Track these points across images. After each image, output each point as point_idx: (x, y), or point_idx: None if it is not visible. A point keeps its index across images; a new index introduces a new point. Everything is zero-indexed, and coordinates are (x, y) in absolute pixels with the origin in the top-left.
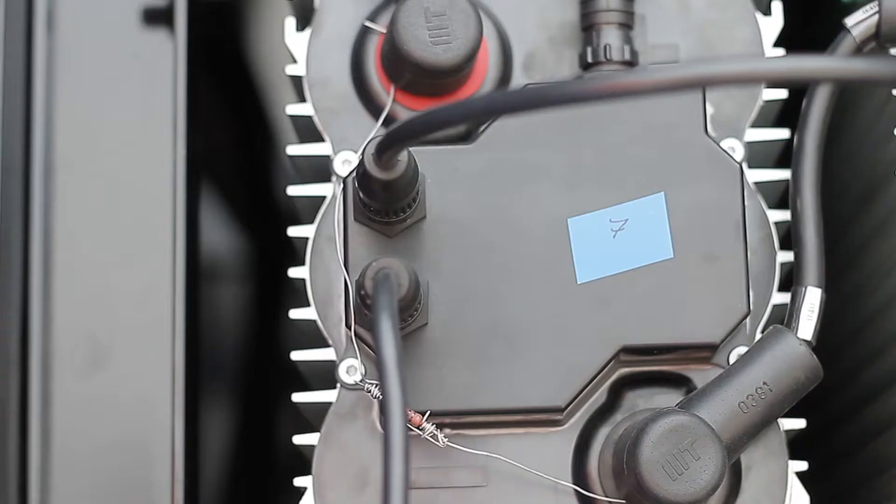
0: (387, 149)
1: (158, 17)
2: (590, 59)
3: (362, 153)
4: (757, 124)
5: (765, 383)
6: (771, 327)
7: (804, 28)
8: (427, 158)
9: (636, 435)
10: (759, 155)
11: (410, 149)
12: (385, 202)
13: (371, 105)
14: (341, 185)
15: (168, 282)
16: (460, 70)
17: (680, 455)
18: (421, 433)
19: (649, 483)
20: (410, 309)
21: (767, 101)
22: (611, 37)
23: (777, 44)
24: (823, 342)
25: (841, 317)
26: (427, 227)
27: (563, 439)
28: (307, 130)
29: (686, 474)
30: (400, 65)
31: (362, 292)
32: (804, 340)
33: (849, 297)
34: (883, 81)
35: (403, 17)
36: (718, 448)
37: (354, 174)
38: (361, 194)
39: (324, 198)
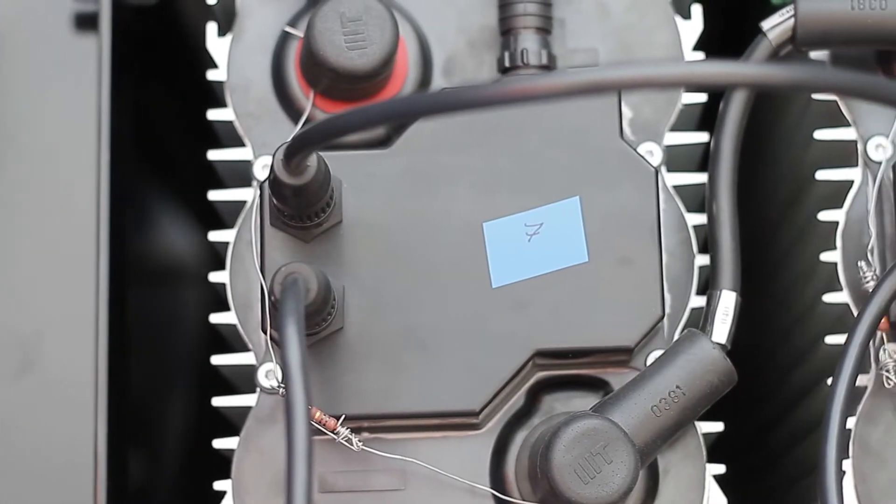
0: (294, 154)
1: (85, 22)
2: (507, 64)
3: (272, 159)
4: (678, 128)
5: (678, 387)
6: (685, 331)
7: (741, 27)
8: (343, 163)
9: (549, 439)
10: (682, 158)
11: (327, 153)
12: (297, 207)
13: (291, 110)
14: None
15: (93, 285)
16: (376, 75)
17: (592, 459)
18: (336, 437)
19: (561, 486)
20: (323, 313)
21: (687, 105)
22: (528, 41)
23: (712, 43)
24: (756, 344)
25: (771, 319)
26: (343, 231)
27: (481, 443)
28: (229, 135)
29: (598, 478)
30: (317, 70)
31: (273, 298)
32: (718, 344)
33: (778, 300)
34: (793, 86)
35: (319, 23)
36: (631, 451)
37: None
38: (274, 199)
39: (245, 202)
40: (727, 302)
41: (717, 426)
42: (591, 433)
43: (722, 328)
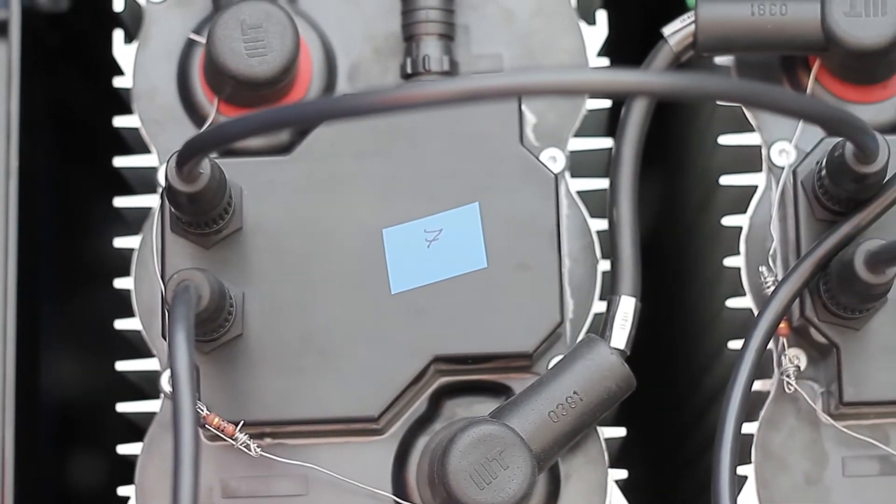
0: (185, 162)
1: None
2: (409, 70)
3: (165, 166)
4: (586, 133)
5: (575, 392)
6: (584, 336)
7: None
8: (243, 170)
9: (445, 444)
10: (591, 164)
11: (227, 160)
12: (194, 214)
13: (196, 117)
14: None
15: (1, 286)
16: (277, 82)
17: (488, 464)
18: (234, 443)
19: (457, 492)
20: (219, 319)
21: (591, 111)
22: (430, 47)
23: (636, 43)
24: (672, 348)
25: (686, 323)
26: (243, 238)
27: (383, 448)
28: (137, 142)
29: (494, 483)
30: (220, 77)
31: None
32: (616, 349)
33: (690, 305)
34: (672, 94)
35: (220, 30)
36: (527, 457)
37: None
38: (171, 207)
39: (150, 209)
40: (626, 307)
41: (620, 431)
42: (488, 439)
43: (621, 334)
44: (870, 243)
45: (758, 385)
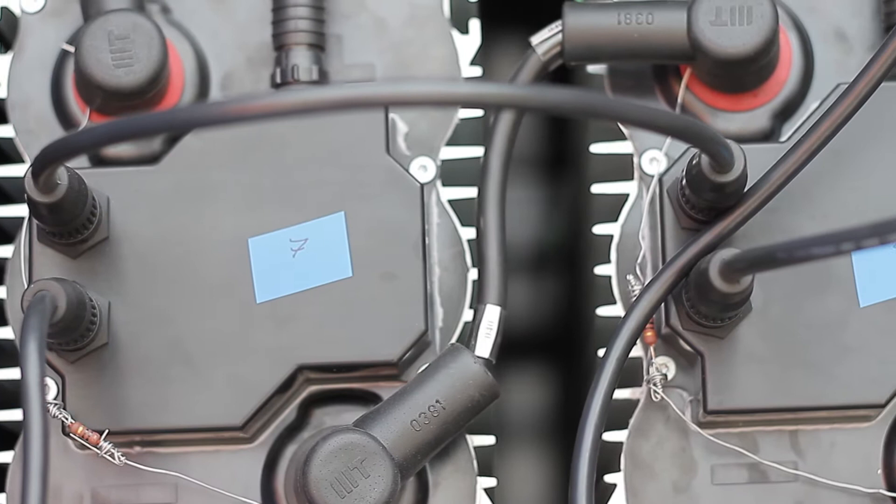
0: (40, 172)
1: None
2: (278, 80)
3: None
4: (462, 142)
5: (438, 401)
6: (448, 345)
7: None
8: (109, 180)
9: (307, 453)
10: (470, 172)
11: (93, 170)
12: (55, 224)
13: (70, 127)
14: None
15: None
16: (145, 92)
17: (349, 473)
18: (98, 451)
19: (318, 500)
20: (80, 328)
21: (465, 120)
22: (299, 57)
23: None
24: (570, 355)
25: (581, 330)
26: (110, 247)
27: (252, 457)
28: (14, 151)
29: (355, 492)
30: (89, 87)
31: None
32: (480, 358)
33: (578, 313)
34: (531, 107)
35: (87, 41)
36: (389, 466)
37: None
38: (34, 218)
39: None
40: (491, 316)
41: (489, 440)
42: (349, 447)
43: (486, 342)
44: (724, 252)
45: (627, 393)
